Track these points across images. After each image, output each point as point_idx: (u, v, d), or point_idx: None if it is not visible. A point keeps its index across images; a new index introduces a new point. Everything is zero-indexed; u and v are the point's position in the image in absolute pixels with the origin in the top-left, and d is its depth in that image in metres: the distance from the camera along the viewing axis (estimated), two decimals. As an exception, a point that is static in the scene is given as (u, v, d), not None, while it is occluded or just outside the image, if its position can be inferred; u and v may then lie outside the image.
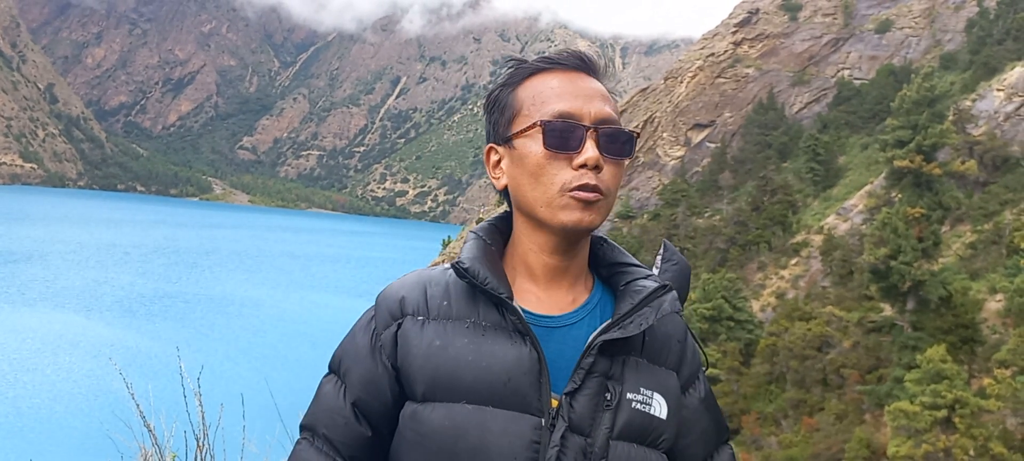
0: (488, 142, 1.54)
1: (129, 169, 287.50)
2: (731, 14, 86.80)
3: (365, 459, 1.51)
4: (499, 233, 1.56)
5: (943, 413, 20.04)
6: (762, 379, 32.63)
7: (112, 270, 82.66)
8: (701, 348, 1.62)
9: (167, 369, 34.47)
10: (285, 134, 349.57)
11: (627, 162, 1.48)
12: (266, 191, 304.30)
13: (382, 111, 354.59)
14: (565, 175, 1.41)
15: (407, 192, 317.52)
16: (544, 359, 1.41)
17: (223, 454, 3.54)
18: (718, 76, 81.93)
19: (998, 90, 47.90)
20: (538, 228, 1.47)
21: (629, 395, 1.44)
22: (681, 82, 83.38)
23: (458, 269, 1.46)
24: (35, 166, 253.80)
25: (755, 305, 41.87)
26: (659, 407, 1.46)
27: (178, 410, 3.50)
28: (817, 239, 45.59)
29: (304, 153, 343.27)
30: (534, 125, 1.43)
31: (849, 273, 36.01)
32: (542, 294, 1.50)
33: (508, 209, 1.57)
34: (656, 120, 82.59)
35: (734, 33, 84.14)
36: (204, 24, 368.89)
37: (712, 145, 77.69)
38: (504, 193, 1.53)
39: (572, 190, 1.40)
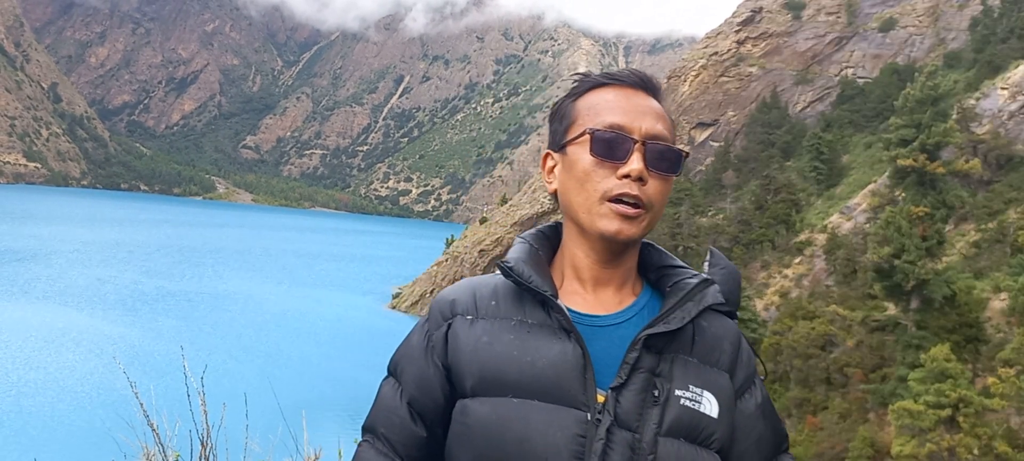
0: (547, 149, 1.62)
1: (132, 168, 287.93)
2: (734, 13, 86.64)
3: (421, 459, 1.57)
4: (547, 239, 1.63)
5: (947, 412, 19.99)
6: (766, 378, 32.55)
7: (116, 268, 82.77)
8: (758, 357, 1.66)
9: (171, 368, 34.59)
10: (288, 133, 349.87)
11: (673, 178, 1.53)
12: (269, 190, 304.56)
13: (385, 110, 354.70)
14: (609, 183, 1.47)
15: (410, 191, 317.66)
16: (588, 355, 1.45)
17: (226, 454, 3.53)
18: (721, 75, 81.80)
19: (1002, 89, 47.77)
20: (583, 234, 1.53)
21: (678, 392, 1.46)
22: (684, 81, 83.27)
23: (503, 269, 1.54)
24: (39, 165, 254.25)
25: (759, 304, 41.82)
26: (709, 405, 1.48)
27: (181, 409, 3.49)
28: (821, 238, 45.52)
29: (307, 152, 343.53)
30: (584, 133, 1.50)
31: (853, 272, 35.94)
32: (589, 296, 1.55)
33: (559, 219, 1.66)
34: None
35: (737, 32, 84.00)
36: (207, 23, 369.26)
37: (716, 144, 77.58)
38: (555, 198, 1.61)
39: (612, 198, 1.47)
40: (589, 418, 1.42)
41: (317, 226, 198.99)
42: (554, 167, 1.58)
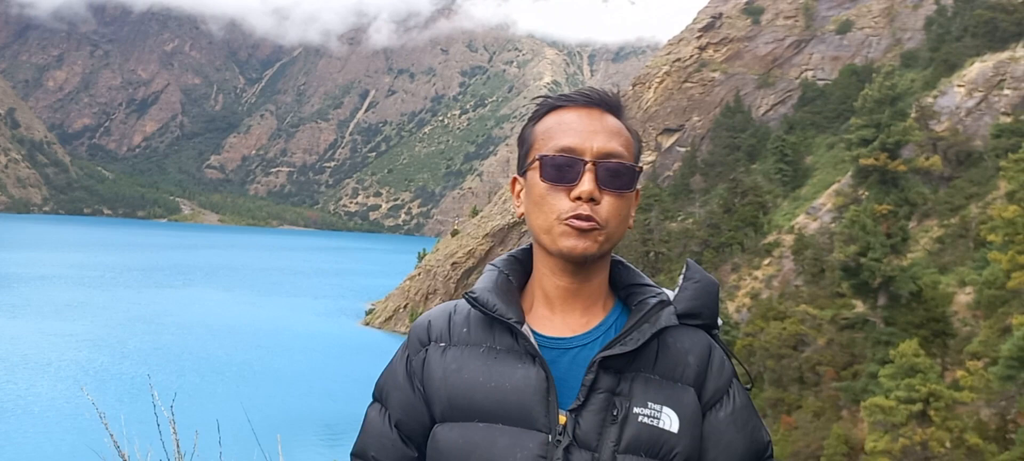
0: (514, 173, 1.69)
1: (95, 192, 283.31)
2: (695, 19, 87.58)
3: None
4: (519, 263, 1.67)
5: (918, 407, 20.21)
6: (752, 387, 32.77)
7: (82, 292, 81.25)
8: (741, 364, 1.69)
9: (141, 392, 33.92)
10: (253, 151, 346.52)
11: (631, 194, 1.56)
12: (236, 210, 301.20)
13: (351, 125, 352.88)
14: (562, 205, 1.51)
15: (380, 206, 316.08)
16: (552, 378, 1.50)
17: (201, 480, 3.46)
18: (685, 81, 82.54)
19: (958, 86, 48.74)
20: (547, 254, 1.58)
21: (636, 409, 1.51)
22: (649, 88, 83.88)
23: (469, 299, 1.60)
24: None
25: (730, 306, 42.14)
26: (669, 421, 1.52)
27: (152, 437, 3.40)
28: (788, 239, 46.02)
29: (273, 170, 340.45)
30: (536, 160, 1.56)
31: (821, 271, 36.33)
32: (556, 318, 1.59)
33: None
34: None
35: (699, 38, 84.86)
36: (167, 43, 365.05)
37: (682, 149, 78.22)
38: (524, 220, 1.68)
39: (566, 219, 1.51)
40: (550, 440, 1.47)
41: (287, 244, 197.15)
42: (520, 191, 1.63)
